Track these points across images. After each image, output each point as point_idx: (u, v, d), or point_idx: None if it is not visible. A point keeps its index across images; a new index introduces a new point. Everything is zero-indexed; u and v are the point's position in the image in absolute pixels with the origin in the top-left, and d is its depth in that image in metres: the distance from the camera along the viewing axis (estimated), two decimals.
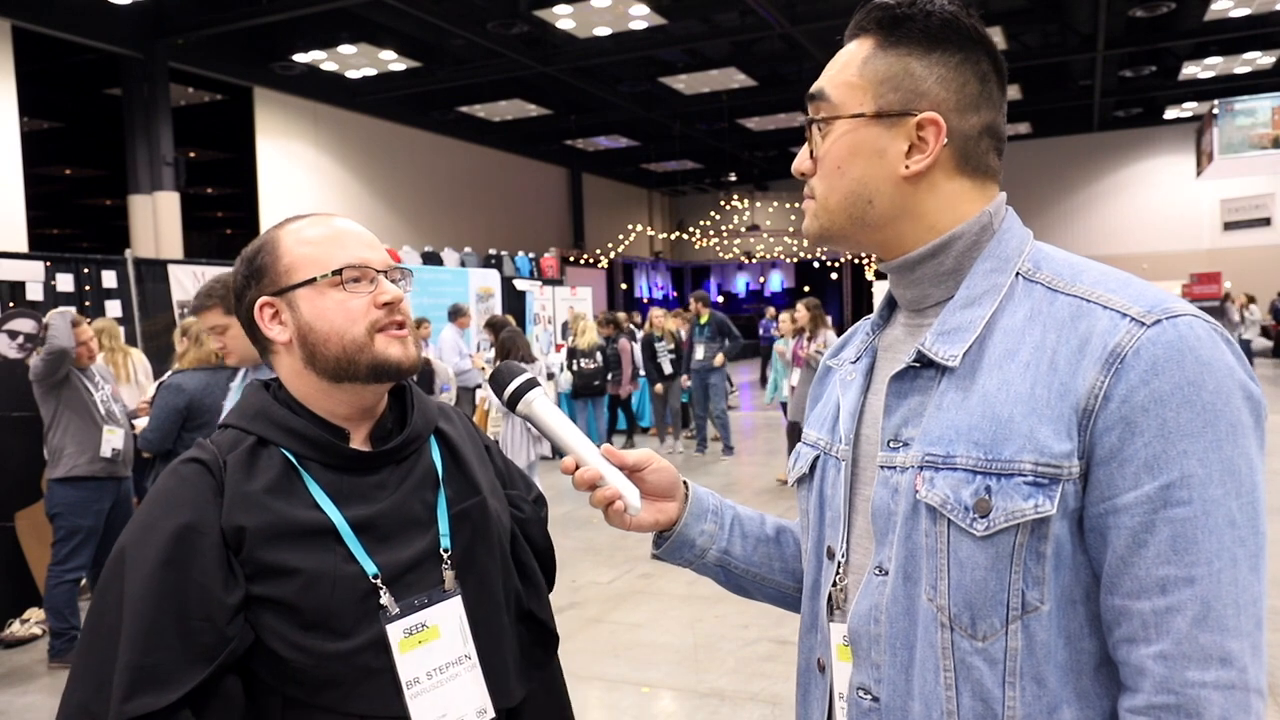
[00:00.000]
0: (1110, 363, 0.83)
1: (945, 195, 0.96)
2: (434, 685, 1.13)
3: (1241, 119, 15.86)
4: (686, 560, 1.18)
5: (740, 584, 1.21)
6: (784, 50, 14.78)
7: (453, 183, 18.90)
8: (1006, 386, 0.88)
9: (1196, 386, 0.81)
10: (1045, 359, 0.87)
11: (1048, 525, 0.85)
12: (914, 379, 0.96)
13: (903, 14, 0.96)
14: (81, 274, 7.38)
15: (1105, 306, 0.87)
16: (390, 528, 1.15)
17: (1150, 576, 0.81)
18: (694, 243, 27.45)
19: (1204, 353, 0.82)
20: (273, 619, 1.06)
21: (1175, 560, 0.80)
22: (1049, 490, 0.84)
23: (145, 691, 0.99)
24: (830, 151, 0.98)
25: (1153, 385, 0.81)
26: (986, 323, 0.92)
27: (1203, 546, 0.80)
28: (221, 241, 22.71)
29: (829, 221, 1.00)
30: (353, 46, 13.76)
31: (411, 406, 1.25)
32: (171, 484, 1.11)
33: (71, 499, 4.47)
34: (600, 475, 1.11)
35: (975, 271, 0.96)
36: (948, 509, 0.89)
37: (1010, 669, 0.86)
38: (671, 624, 4.84)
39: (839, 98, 0.98)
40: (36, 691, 4.28)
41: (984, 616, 0.87)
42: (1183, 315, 0.84)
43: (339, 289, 1.15)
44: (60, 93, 14.22)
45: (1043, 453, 0.85)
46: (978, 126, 0.96)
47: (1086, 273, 0.92)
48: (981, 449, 0.88)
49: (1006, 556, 0.86)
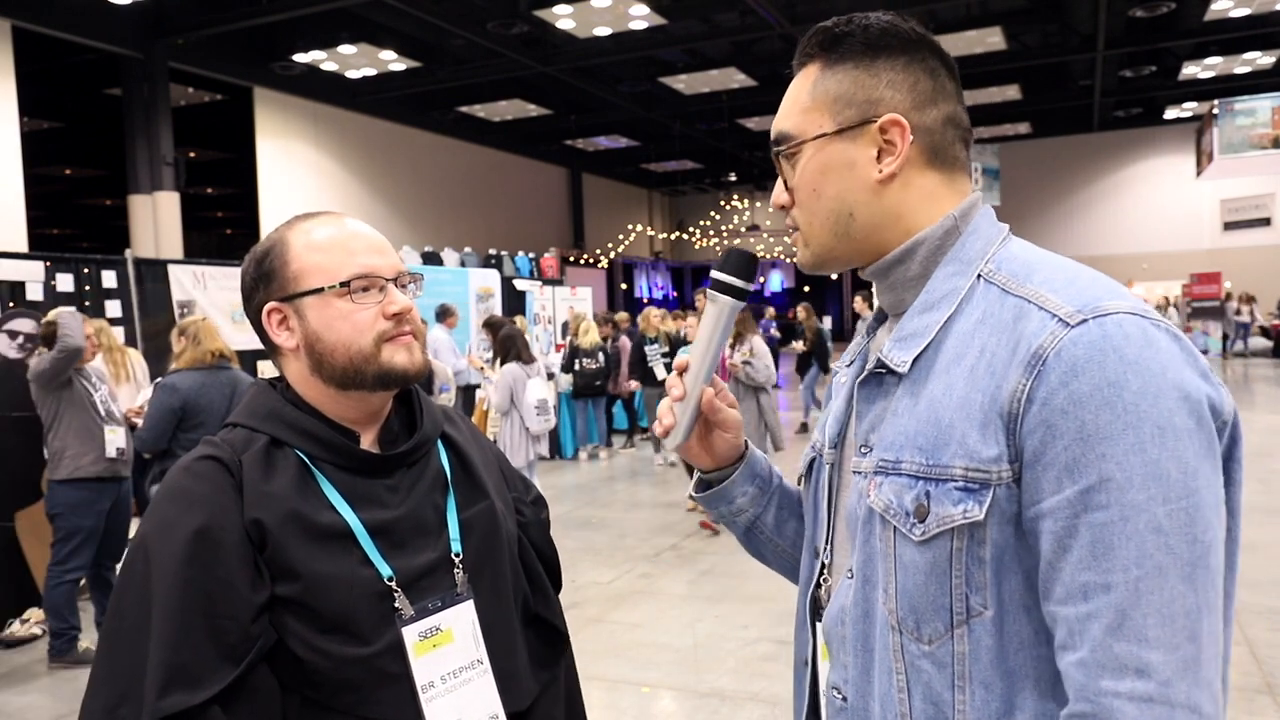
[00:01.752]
0: (1033, 365, 0.82)
1: (920, 191, 0.97)
2: (448, 689, 1.13)
3: (1241, 119, 15.87)
4: (720, 513, 1.21)
5: (760, 550, 1.24)
6: (784, 50, 14.78)
7: (453, 183, 18.91)
8: (950, 391, 0.88)
9: (1117, 387, 0.78)
10: (985, 363, 0.86)
11: (984, 530, 0.84)
12: (878, 385, 0.97)
13: (841, 32, 0.98)
14: (81, 274, 7.37)
15: (1040, 307, 0.85)
16: (404, 532, 1.15)
17: (1074, 582, 0.79)
18: (694, 243, 27.46)
19: (1130, 352, 0.79)
20: (293, 620, 1.06)
21: (1094, 566, 0.78)
22: (979, 495, 0.84)
23: (178, 689, 0.99)
24: (802, 178, 0.99)
25: (1071, 387, 0.80)
26: (942, 327, 0.92)
27: (1120, 553, 0.77)
28: (221, 241, 22.73)
29: (818, 246, 1.00)
30: (353, 46, 13.77)
31: (420, 410, 1.25)
32: (188, 482, 1.10)
33: (73, 499, 4.47)
34: (685, 396, 1.09)
35: (937, 276, 0.96)
36: (890, 514, 0.90)
37: (959, 672, 0.86)
38: (671, 624, 4.84)
39: (798, 127, 0.99)
40: (36, 691, 4.28)
41: (928, 620, 0.87)
42: (1112, 314, 0.81)
43: (346, 299, 1.14)
44: (60, 93, 14.23)
45: (972, 458, 0.85)
46: (939, 119, 0.97)
47: (1039, 272, 0.90)
48: (924, 454, 0.88)
49: (945, 561, 0.86)
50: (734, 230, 26.57)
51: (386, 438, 1.21)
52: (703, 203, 28.17)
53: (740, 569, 5.74)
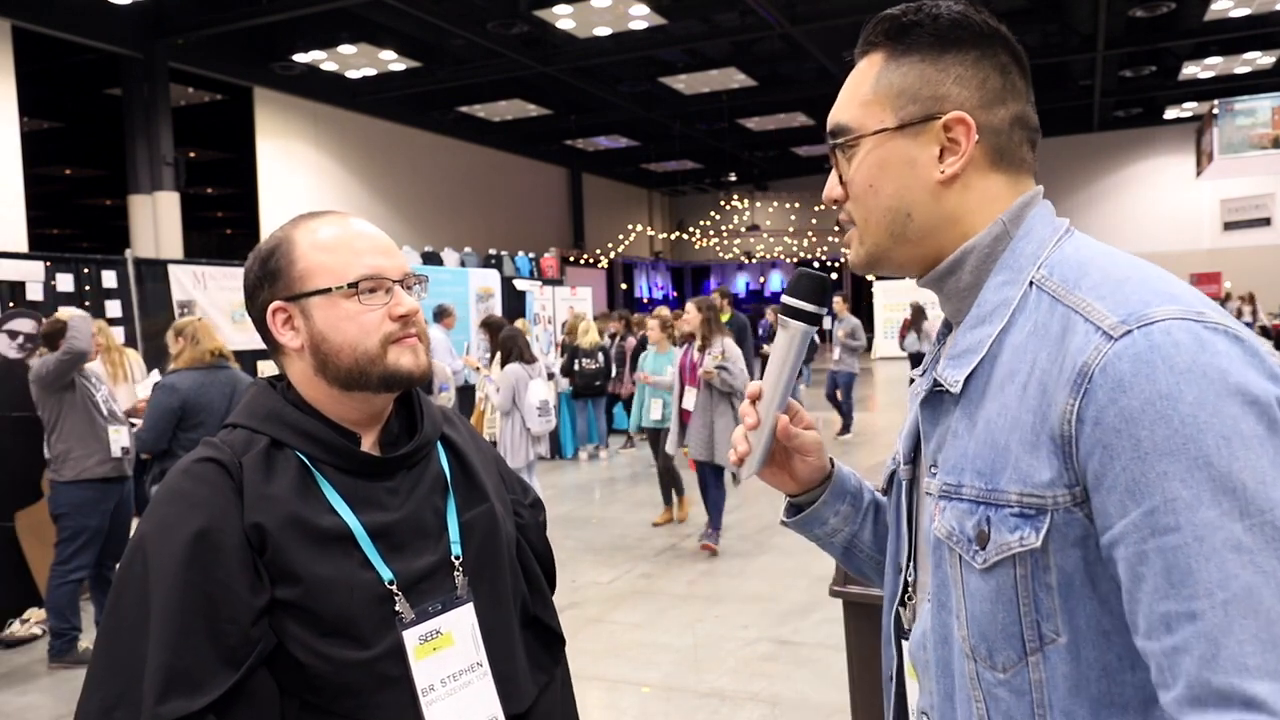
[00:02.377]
0: (1079, 383, 0.78)
1: (980, 194, 0.92)
2: (448, 693, 1.13)
3: (1241, 119, 15.87)
4: (815, 535, 1.18)
5: (861, 567, 1.20)
6: (784, 50, 14.77)
7: (453, 183, 18.91)
8: (1005, 411, 0.84)
9: (1171, 399, 0.73)
10: (1036, 380, 0.82)
11: (1047, 556, 0.80)
12: (939, 403, 0.94)
13: (910, 21, 0.93)
14: (81, 274, 7.38)
15: (1086, 319, 0.80)
16: (404, 535, 1.15)
17: (1154, 613, 0.73)
18: (694, 243, 27.45)
19: (1180, 360, 0.74)
20: (293, 624, 1.06)
21: (1173, 594, 0.72)
22: (1035, 521, 0.80)
23: (178, 694, 0.98)
24: (859, 173, 0.94)
25: (1121, 404, 0.75)
26: (995, 341, 0.88)
27: (1200, 576, 0.71)
28: (221, 241, 22.73)
29: (873, 244, 0.96)
30: (353, 46, 13.76)
31: (420, 411, 1.25)
32: (187, 484, 1.09)
33: (79, 500, 4.47)
34: (757, 424, 1.07)
35: (988, 286, 0.91)
36: (954, 541, 0.87)
37: (1038, 700, 0.83)
38: (671, 624, 4.84)
39: (858, 120, 0.94)
40: (37, 691, 4.28)
41: (999, 648, 0.84)
42: (1159, 321, 0.76)
43: (353, 300, 1.13)
44: (60, 93, 14.22)
45: (1026, 482, 0.81)
46: (1006, 119, 0.93)
47: (1089, 275, 0.85)
48: (983, 479, 0.85)
49: (1010, 589, 0.83)
50: (734, 230, 26.57)
51: (387, 439, 1.21)
52: (703, 203, 28.16)
53: (740, 569, 5.74)
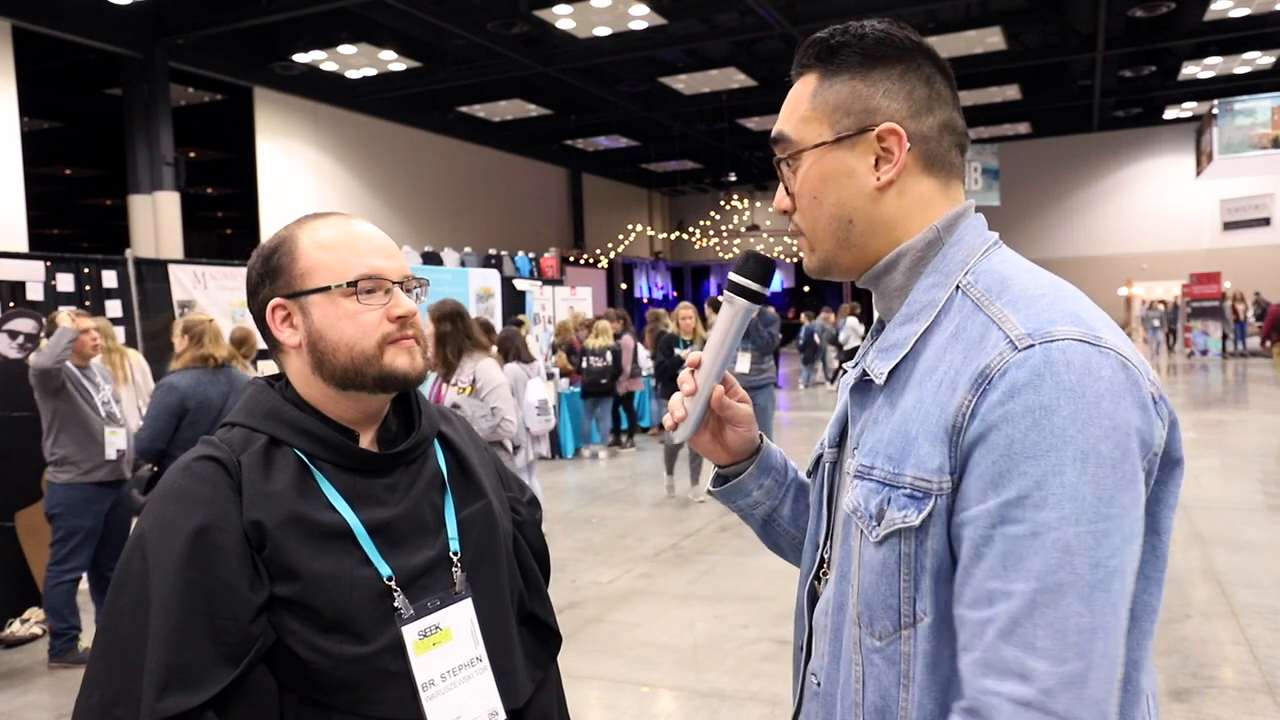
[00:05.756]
0: (979, 383, 0.85)
1: (915, 198, 0.99)
2: (448, 687, 1.14)
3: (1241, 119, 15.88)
4: (737, 506, 1.25)
5: (777, 541, 1.28)
6: (784, 50, 14.79)
7: (453, 183, 18.91)
8: (919, 404, 0.91)
9: (1048, 410, 0.81)
10: (950, 378, 0.89)
11: (926, 537, 0.88)
12: (865, 392, 1.01)
13: (837, 43, 1.00)
14: (81, 274, 7.38)
15: (999, 327, 0.88)
16: (402, 531, 1.16)
17: (982, 588, 0.83)
18: (694, 243, 27.46)
19: (1067, 378, 0.82)
20: (292, 620, 1.06)
21: (1002, 575, 0.82)
22: (920, 503, 0.88)
23: (177, 690, 0.99)
24: (804, 184, 1.02)
25: (1007, 406, 0.83)
26: (919, 338, 0.95)
27: (1027, 565, 0.80)
28: (222, 241, 22.73)
29: (823, 252, 1.03)
30: (353, 46, 13.77)
31: (417, 409, 1.26)
32: (186, 481, 1.10)
33: (71, 499, 4.47)
34: (695, 391, 1.15)
35: (918, 286, 0.98)
36: (857, 515, 0.95)
37: (904, 672, 0.91)
38: (671, 624, 4.84)
39: (799, 134, 1.02)
40: (37, 691, 4.28)
41: (879, 617, 0.92)
42: (1059, 340, 0.84)
43: (352, 299, 1.14)
44: (60, 93, 14.22)
45: (920, 467, 0.89)
46: (935, 126, 0.99)
47: (1011, 288, 0.92)
48: (892, 463, 0.92)
49: (894, 564, 0.91)
50: (734, 230, 26.57)
51: (385, 437, 1.22)
52: (703, 203, 28.17)
53: (740, 569, 5.74)
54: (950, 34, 14.12)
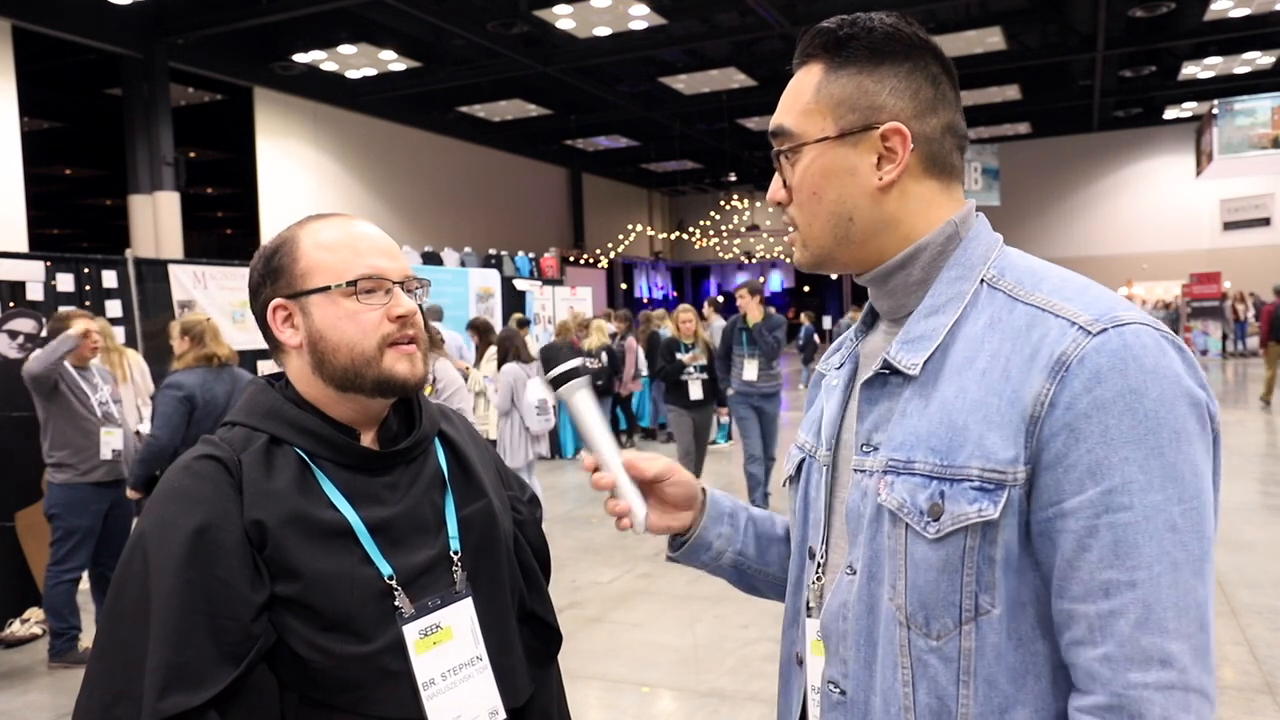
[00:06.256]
0: (1056, 370, 0.85)
1: (917, 199, 0.98)
2: (449, 686, 1.14)
3: (1241, 119, 15.88)
4: (702, 562, 1.21)
5: (752, 583, 1.25)
6: (784, 50, 14.78)
7: (453, 183, 18.91)
8: (963, 394, 0.90)
9: (1138, 394, 0.83)
10: (1000, 367, 0.89)
11: (996, 530, 0.87)
12: (883, 385, 0.99)
13: (845, 35, 0.98)
14: (82, 274, 7.38)
15: (1057, 315, 0.88)
16: (403, 530, 1.16)
17: (1094, 580, 0.83)
18: (694, 243, 27.46)
19: (1148, 360, 0.84)
20: (293, 619, 1.06)
21: (1117, 564, 0.82)
22: (994, 495, 0.87)
23: (179, 690, 0.99)
24: (803, 179, 1.00)
25: (1095, 392, 0.83)
26: (949, 330, 0.94)
27: (1143, 551, 0.82)
28: (221, 241, 22.73)
29: (817, 247, 1.02)
30: (353, 46, 13.77)
31: (418, 407, 1.26)
32: (187, 481, 1.09)
33: (69, 500, 4.47)
34: (614, 484, 1.13)
35: (941, 280, 0.98)
36: (904, 512, 0.92)
37: (964, 668, 0.89)
38: (671, 624, 4.84)
39: (800, 127, 1.00)
40: (37, 691, 4.28)
41: (937, 616, 0.90)
42: (1129, 324, 0.86)
43: (352, 299, 1.14)
44: (60, 93, 14.22)
45: (989, 459, 0.87)
46: (939, 127, 0.98)
47: (1046, 281, 0.93)
48: (938, 455, 0.90)
49: (958, 559, 0.89)
50: (734, 230, 26.58)
51: (385, 435, 1.22)
52: (703, 203, 28.17)
53: None
54: (950, 34, 14.11)
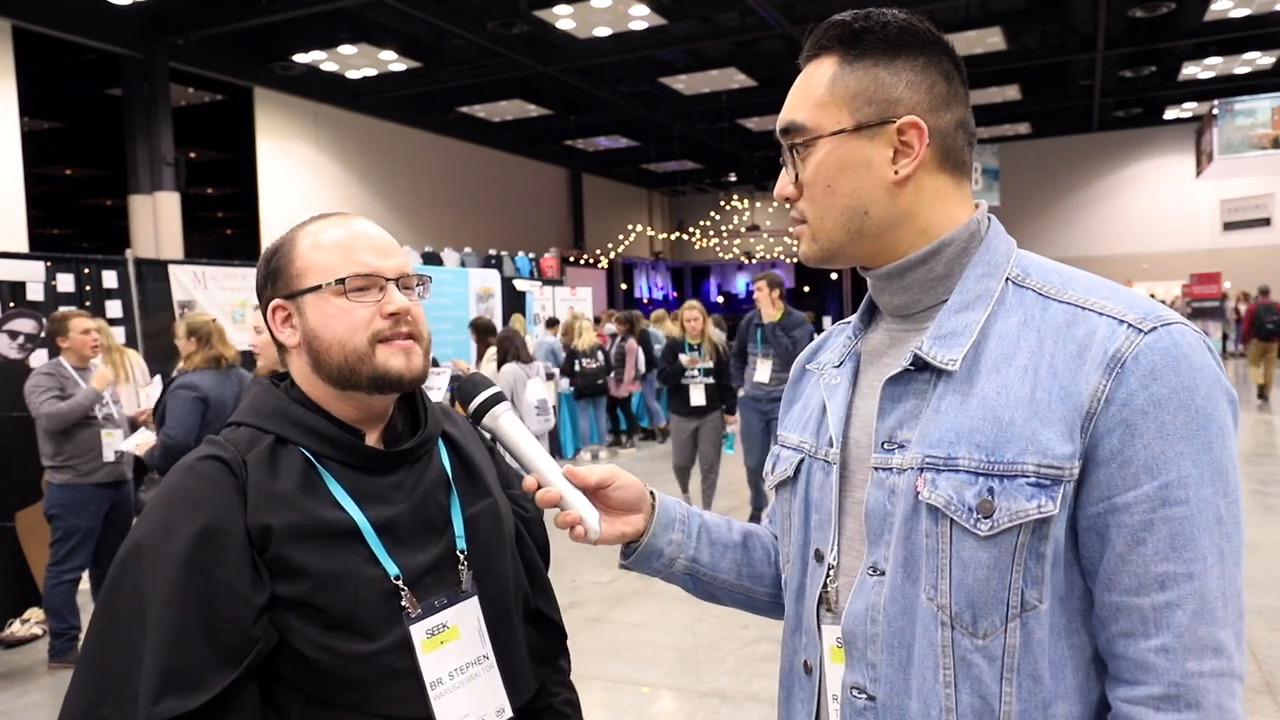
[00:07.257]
0: (1111, 367, 0.86)
1: (931, 194, 0.98)
2: (456, 685, 1.14)
3: (1241, 119, 15.86)
4: (655, 569, 1.18)
5: (709, 590, 1.22)
6: (784, 50, 14.78)
7: (453, 183, 18.90)
8: (1006, 390, 0.90)
9: (1190, 391, 0.85)
10: (1044, 364, 0.89)
11: (1049, 525, 0.87)
12: (909, 382, 0.97)
13: (861, 28, 0.98)
14: (82, 274, 7.39)
15: (1100, 313, 0.90)
16: (409, 530, 1.16)
17: (1149, 573, 0.85)
18: (694, 243, 27.44)
19: (1195, 359, 0.86)
20: (298, 620, 1.06)
21: (1174, 557, 0.84)
22: (1051, 491, 0.87)
23: (174, 694, 0.98)
24: (817, 172, 0.98)
25: (1151, 389, 0.85)
26: (981, 327, 0.94)
27: (1199, 544, 0.84)
28: (222, 241, 22.72)
29: (828, 241, 1.01)
30: (353, 46, 13.76)
31: (423, 408, 1.26)
32: (190, 482, 1.09)
33: (69, 500, 4.47)
34: (561, 497, 1.10)
35: (967, 277, 0.97)
36: (951, 510, 0.90)
37: (1008, 665, 0.89)
38: (671, 624, 4.84)
39: (814, 120, 0.98)
40: (37, 691, 4.28)
41: (985, 615, 0.89)
42: (1175, 323, 0.88)
43: (344, 297, 1.15)
44: (60, 93, 14.21)
45: (1045, 455, 0.87)
46: (952, 122, 0.98)
47: (1075, 281, 0.95)
48: (984, 451, 0.89)
49: (1009, 556, 0.88)
50: (734, 230, 26.56)
51: (390, 435, 1.22)
52: (703, 203, 28.15)
53: None
54: (950, 34, 13.93)
